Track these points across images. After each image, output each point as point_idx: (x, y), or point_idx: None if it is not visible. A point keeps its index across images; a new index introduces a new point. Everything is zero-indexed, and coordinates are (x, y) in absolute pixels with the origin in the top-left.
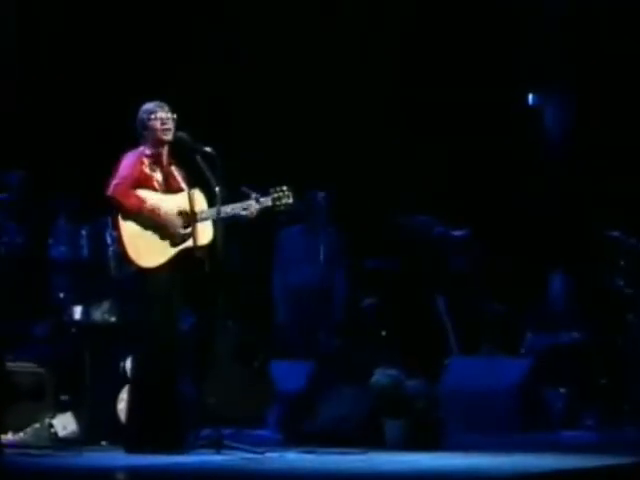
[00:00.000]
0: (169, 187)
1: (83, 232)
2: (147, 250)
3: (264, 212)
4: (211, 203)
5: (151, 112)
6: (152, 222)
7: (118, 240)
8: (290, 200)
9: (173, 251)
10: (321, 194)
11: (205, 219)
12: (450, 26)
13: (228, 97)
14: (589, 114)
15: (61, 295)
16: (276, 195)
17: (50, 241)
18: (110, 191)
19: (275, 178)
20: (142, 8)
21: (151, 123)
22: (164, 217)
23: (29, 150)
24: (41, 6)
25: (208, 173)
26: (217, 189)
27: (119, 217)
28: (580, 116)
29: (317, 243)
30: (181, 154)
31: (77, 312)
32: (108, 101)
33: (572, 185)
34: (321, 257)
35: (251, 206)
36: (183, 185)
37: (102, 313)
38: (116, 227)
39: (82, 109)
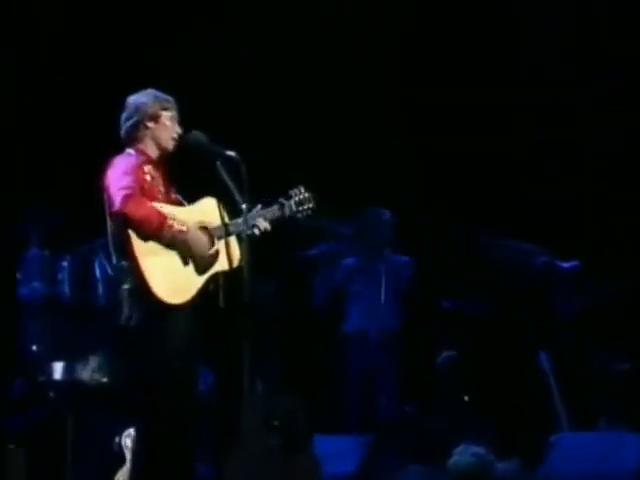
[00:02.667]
0: (170, 201)
1: (64, 263)
2: (174, 281)
3: (280, 221)
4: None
5: (157, 108)
6: (175, 243)
7: (134, 271)
8: (312, 204)
9: (201, 280)
10: (386, 213)
11: (232, 234)
12: (450, 27)
13: (227, 99)
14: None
15: (34, 348)
16: (297, 198)
17: (18, 275)
18: (119, 205)
19: (276, 181)
20: (141, 9)
21: (154, 125)
22: (192, 235)
23: None
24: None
25: (231, 184)
26: (244, 206)
27: (132, 239)
28: None
29: (378, 277)
30: (186, 159)
31: (57, 370)
32: (89, 101)
33: None
34: (382, 296)
35: (274, 212)
36: (181, 199)
37: (90, 371)
38: (129, 253)
39: (57, 110)
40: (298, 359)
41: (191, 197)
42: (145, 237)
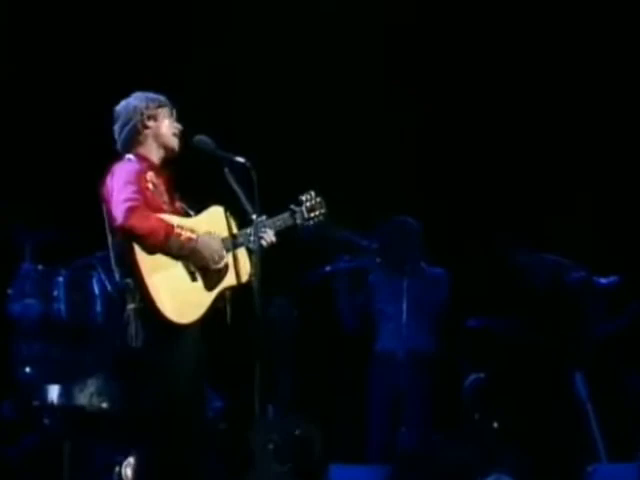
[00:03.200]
0: (174, 210)
1: (59, 278)
2: (182, 299)
3: (291, 230)
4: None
5: (154, 107)
6: (184, 252)
7: (140, 289)
8: (324, 210)
9: (210, 297)
10: (411, 221)
11: (240, 245)
12: (450, 27)
13: (235, 101)
14: None
15: (27, 370)
16: (308, 204)
17: (10, 292)
18: (123, 219)
19: (287, 188)
20: (140, 12)
21: (155, 123)
22: (202, 242)
23: None
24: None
25: (240, 192)
26: (254, 217)
27: (137, 255)
28: None
29: (400, 291)
30: (191, 165)
31: (52, 394)
32: (84, 109)
33: None
34: (404, 314)
35: (285, 220)
36: (186, 208)
37: (89, 396)
38: (134, 270)
39: (51, 117)
40: (314, 381)
41: (197, 206)
42: (151, 250)
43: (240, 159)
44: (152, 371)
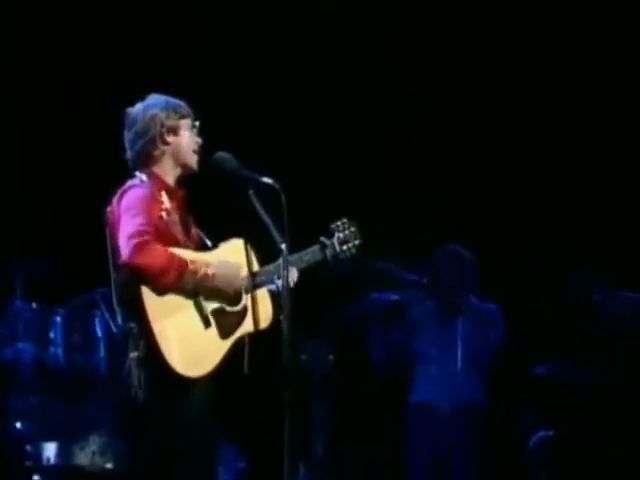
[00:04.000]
0: (190, 240)
1: (57, 318)
2: (193, 349)
3: (321, 264)
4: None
5: (175, 118)
6: (200, 292)
7: (145, 336)
8: (359, 242)
9: (225, 346)
10: (465, 252)
11: (260, 286)
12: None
13: (261, 115)
14: None
15: (18, 425)
16: (341, 235)
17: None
18: (130, 256)
19: (318, 213)
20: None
21: (175, 138)
22: (220, 282)
23: None
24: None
25: (267, 218)
26: (283, 246)
27: (145, 296)
28: None
29: (453, 334)
30: (210, 187)
31: (49, 453)
32: (83, 126)
33: None
34: (459, 359)
35: (314, 255)
36: (202, 236)
37: (90, 454)
38: (140, 314)
39: (47, 133)
40: (349, 437)
41: (215, 236)
42: (161, 291)
43: (267, 180)
44: (155, 429)
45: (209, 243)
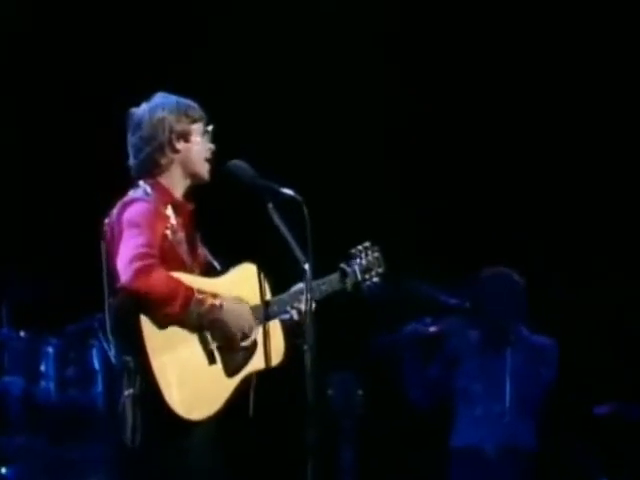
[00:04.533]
0: (196, 262)
1: (48, 349)
2: (196, 388)
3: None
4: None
5: (187, 122)
6: (205, 325)
7: (142, 371)
8: (383, 269)
9: (231, 385)
10: (512, 274)
11: (275, 316)
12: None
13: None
14: None
15: (3, 471)
16: (363, 262)
17: None
18: (129, 279)
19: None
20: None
21: (185, 145)
22: (229, 315)
23: None
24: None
25: (288, 235)
26: (307, 266)
27: (144, 327)
28: None
29: (501, 369)
30: (222, 199)
31: None
32: (74, 140)
33: None
34: (507, 397)
35: (333, 284)
36: (210, 257)
37: None
38: (138, 346)
39: (31, 135)
40: None
41: (225, 255)
42: (163, 322)
43: (288, 191)
44: (153, 475)
45: (217, 265)
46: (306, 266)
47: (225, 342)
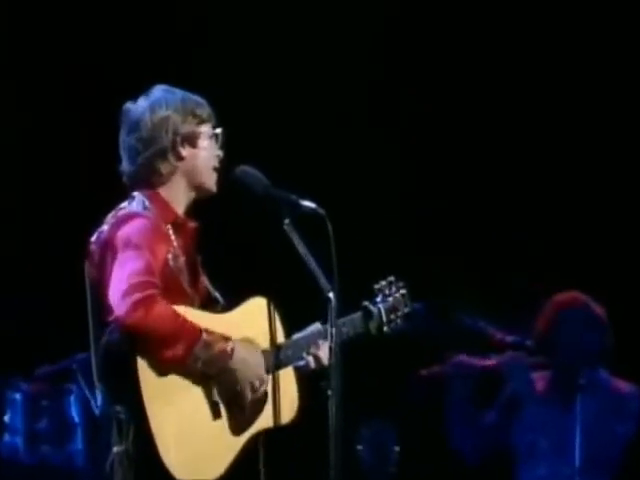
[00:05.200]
0: (198, 294)
1: (15, 396)
2: (197, 447)
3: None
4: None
5: (194, 123)
6: (211, 373)
7: (135, 425)
8: (409, 309)
9: (238, 444)
10: (596, 307)
11: (289, 362)
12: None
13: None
14: None
15: None
16: (389, 302)
17: None
18: (127, 312)
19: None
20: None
21: (191, 151)
22: (239, 362)
23: None
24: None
25: (309, 258)
26: (331, 294)
27: (140, 371)
28: None
29: (570, 421)
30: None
31: None
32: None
33: None
34: (576, 454)
35: (355, 325)
36: (210, 287)
37: None
38: (132, 394)
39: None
40: None
41: (232, 285)
42: (163, 367)
43: (309, 204)
44: None
45: (218, 297)
46: (330, 295)
47: (231, 396)
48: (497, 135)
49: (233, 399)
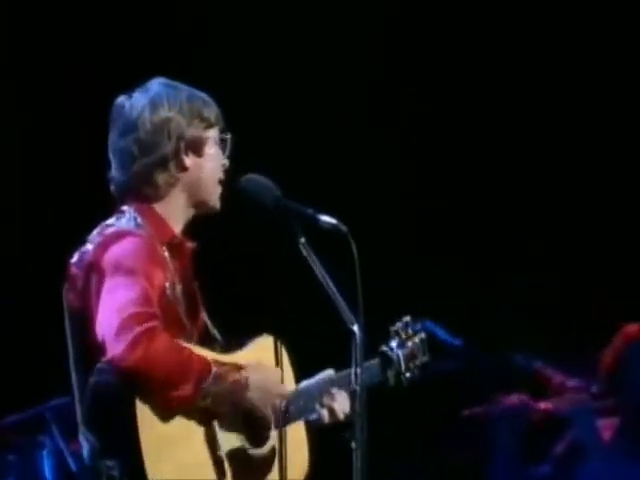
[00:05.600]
0: (196, 328)
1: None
2: None
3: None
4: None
5: (201, 126)
6: (221, 412)
7: (130, 477)
8: (427, 357)
9: None
10: None
11: (300, 415)
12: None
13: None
14: None
15: None
16: (409, 346)
17: None
18: (126, 350)
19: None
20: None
21: (196, 160)
22: (257, 390)
23: None
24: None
25: (329, 283)
26: (355, 327)
27: (140, 418)
28: None
29: None
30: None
31: None
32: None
33: None
34: None
35: (372, 374)
36: (208, 322)
37: None
38: (128, 441)
39: None
40: None
41: (233, 317)
42: (170, 409)
43: (329, 219)
44: None
45: (216, 335)
46: (355, 327)
47: (239, 443)
48: (497, 135)
49: (238, 453)
